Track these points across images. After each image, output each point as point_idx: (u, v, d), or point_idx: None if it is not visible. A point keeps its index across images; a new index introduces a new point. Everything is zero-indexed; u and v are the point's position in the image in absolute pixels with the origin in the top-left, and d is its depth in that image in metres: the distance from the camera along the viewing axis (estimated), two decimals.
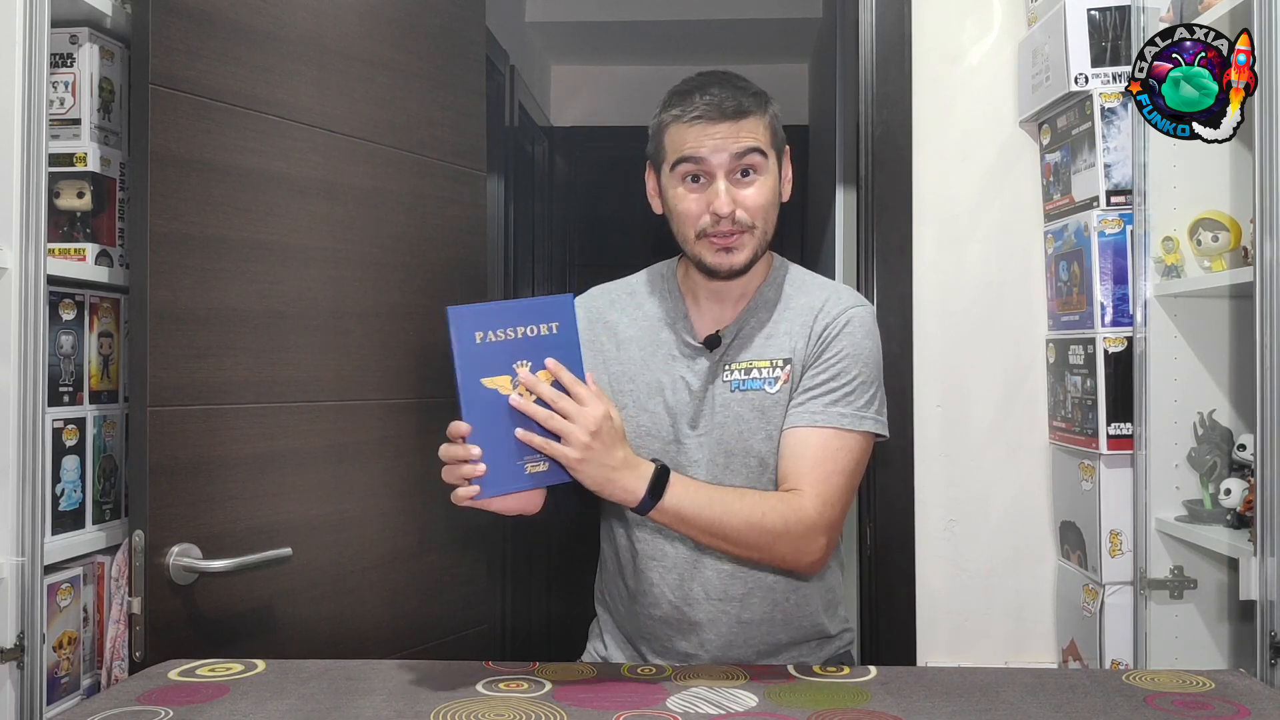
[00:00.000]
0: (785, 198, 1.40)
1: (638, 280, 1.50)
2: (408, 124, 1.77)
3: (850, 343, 1.36)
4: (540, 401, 1.12)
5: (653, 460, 1.21)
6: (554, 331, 1.13)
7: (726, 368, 1.37)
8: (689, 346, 1.40)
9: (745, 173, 1.32)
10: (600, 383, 1.38)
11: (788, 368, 1.36)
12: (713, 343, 1.39)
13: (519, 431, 1.12)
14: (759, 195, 1.32)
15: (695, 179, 1.32)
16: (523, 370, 1.12)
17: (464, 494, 1.13)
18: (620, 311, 1.46)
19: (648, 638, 1.42)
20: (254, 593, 1.52)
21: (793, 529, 1.26)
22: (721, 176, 1.31)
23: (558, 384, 1.14)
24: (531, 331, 1.12)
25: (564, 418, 1.13)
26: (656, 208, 1.42)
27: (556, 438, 1.13)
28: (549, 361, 1.13)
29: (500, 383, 1.11)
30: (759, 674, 1.20)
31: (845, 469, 1.31)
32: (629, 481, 1.17)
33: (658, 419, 1.39)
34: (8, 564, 1.33)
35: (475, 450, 1.10)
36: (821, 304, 1.39)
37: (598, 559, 1.54)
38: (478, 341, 1.09)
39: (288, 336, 1.58)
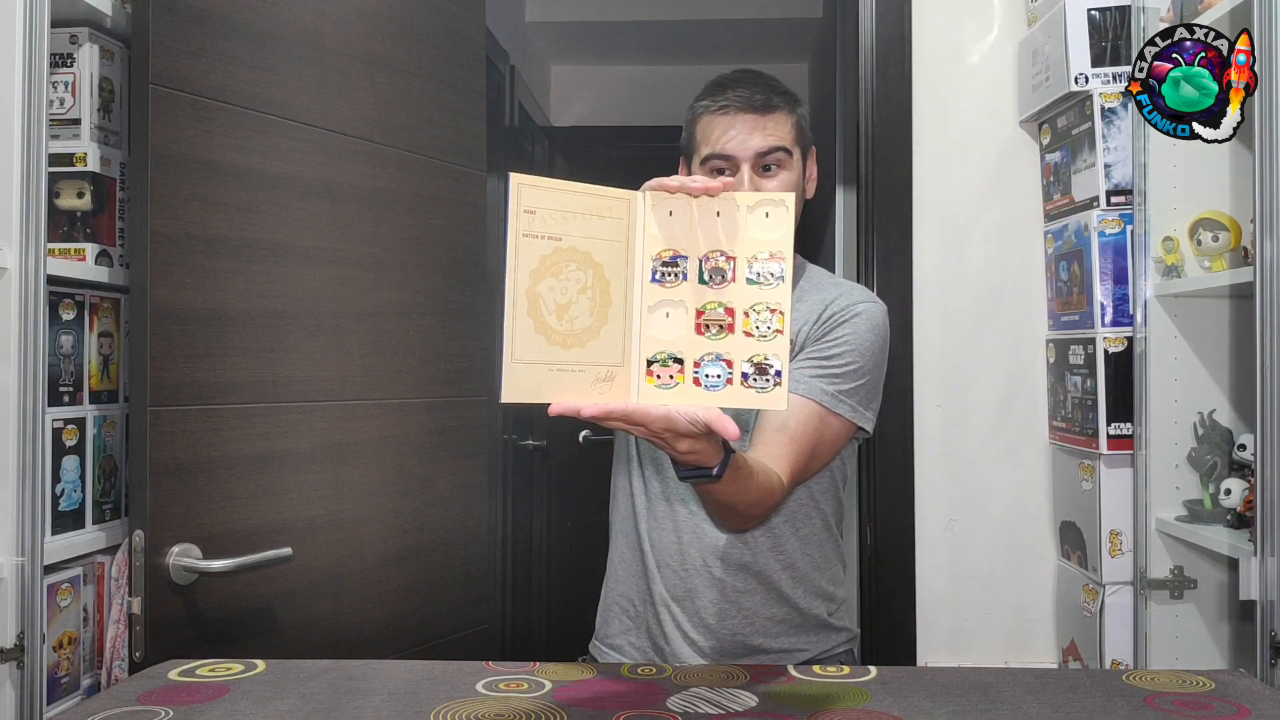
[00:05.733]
0: (809, 195, 1.46)
1: None
2: (408, 124, 1.77)
3: (853, 330, 1.38)
4: None
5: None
6: None
7: None
8: None
9: (768, 168, 1.38)
10: None
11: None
12: None
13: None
14: (780, 189, 1.37)
15: (721, 171, 1.39)
16: None
17: None
18: None
19: (654, 602, 1.44)
20: (254, 593, 1.52)
21: (770, 501, 1.26)
22: (746, 168, 1.37)
23: None
24: None
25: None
26: None
27: None
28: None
29: None
30: (759, 674, 1.19)
31: (815, 448, 1.33)
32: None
33: None
34: (8, 564, 1.33)
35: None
36: (834, 297, 1.42)
37: (603, 553, 1.55)
38: None
39: (287, 336, 1.57)
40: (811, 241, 3.92)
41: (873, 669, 1.20)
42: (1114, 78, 1.81)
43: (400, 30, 1.76)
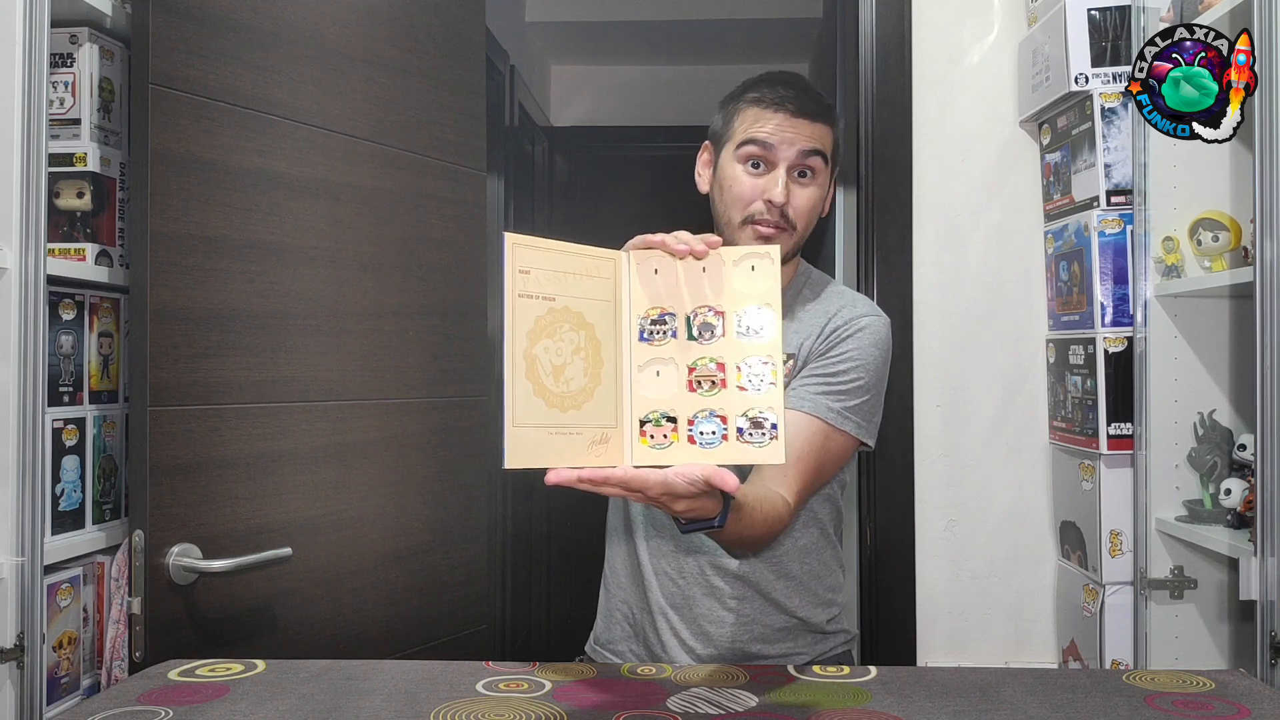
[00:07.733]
0: (824, 213, 1.43)
1: None
2: (408, 124, 1.77)
3: (857, 346, 1.36)
4: None
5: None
6: None
7: None
8: None
9: (804, 173, 1.35)
10: None
11: (790, 362, 1.37)
12: None
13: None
14: (809, 199, 1.35)
15: (756, 165, 1.35)
16: None
17: None
18: None
19: (651, 610, 1.44)
20: (254, 593, 1.52)
21: (778, 527, 1.26)
22: (783, 168, 1.34)
23: None
24: None
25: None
26: (702, 186, 1.44)
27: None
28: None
29: None
30: (759, 674, 1.19)
31: (821, 465, 1.32)
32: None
33: None
34: (8, 564, 1.33)
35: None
36: (837, 309, 1.40)
37: (602, 554, 1.55)
38: None
39: (288, 336, 1.58)
40: (812, 242, 3.92)
41: (873, 669, 1.20)
42: (1114, 78, 1.81)
43: (400, 30, 1.76)
